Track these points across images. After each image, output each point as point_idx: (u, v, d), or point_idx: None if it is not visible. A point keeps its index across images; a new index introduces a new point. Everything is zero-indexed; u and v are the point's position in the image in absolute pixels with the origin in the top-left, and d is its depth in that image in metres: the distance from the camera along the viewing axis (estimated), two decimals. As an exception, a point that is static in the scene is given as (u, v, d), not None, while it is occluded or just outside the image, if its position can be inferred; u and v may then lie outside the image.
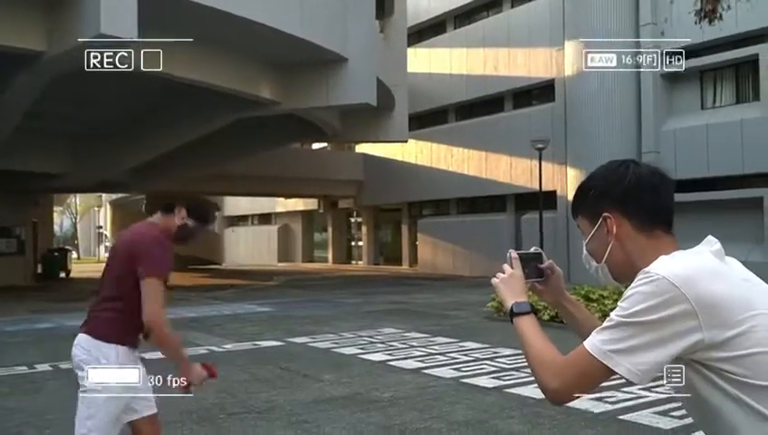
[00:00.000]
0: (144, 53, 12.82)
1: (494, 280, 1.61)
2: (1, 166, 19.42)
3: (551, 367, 1.38)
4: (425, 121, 27.69)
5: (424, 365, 7.71)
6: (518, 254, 1.64)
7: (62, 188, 28.42)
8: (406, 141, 24.57)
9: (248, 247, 40.59)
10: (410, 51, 24.92)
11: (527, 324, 1.49)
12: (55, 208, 39.80)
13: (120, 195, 39.00)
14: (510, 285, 1.59)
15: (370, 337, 9.97)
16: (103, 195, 47.18)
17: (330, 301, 16.08)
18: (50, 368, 7.90)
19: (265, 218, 40.48)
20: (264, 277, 24.34)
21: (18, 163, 19.89)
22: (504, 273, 1.61)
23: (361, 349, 8.95)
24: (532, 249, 1.70)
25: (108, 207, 45.39)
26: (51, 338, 10.55)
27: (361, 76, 16.70)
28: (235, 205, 40.80)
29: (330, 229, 35.78)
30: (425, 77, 26.92)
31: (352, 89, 16.76)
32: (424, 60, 27.21)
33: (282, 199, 36.57)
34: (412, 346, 9.10)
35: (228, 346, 9.43)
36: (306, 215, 37.39)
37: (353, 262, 34.19)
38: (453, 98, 26.53)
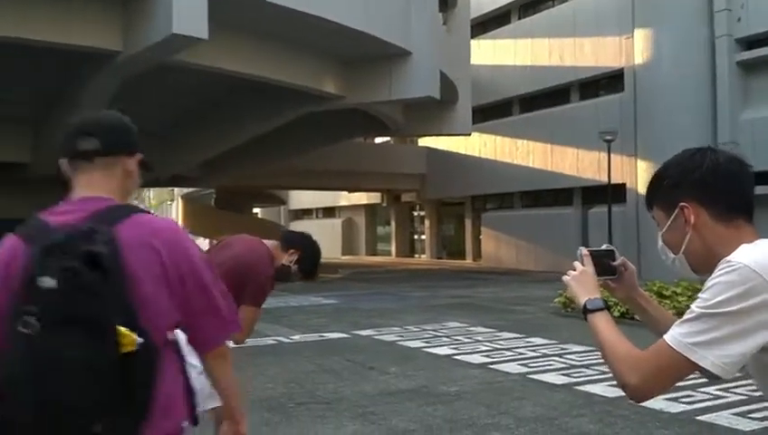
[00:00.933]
0: (212, 50, 13.20)
1: (566, 277, 1.59)
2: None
3: (629, 362, 1.35)
4: (488, 114, 27.39)
5: (490, 360, 7.67)
6: (589, 251, 1.61)
7: (145, 180, 29.47)
8: (469, 134, 24.37)
9: (313, 241, 41.15)
10: (474, 43, 24.67)
11: (601, 321, 1.46)
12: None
13: (190, 189, 40.17)
14: (582, 282, 1.56)
15: (435, 331, 9.97)
16: (175, 189, 48.69)
17: (394, 294, 16.15)
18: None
19: (329, 212, 40.95)
20: (328, 270, 24.62)
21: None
22: (575, 270, 1.58)
23: (426, 342, 8.96)
24: (603, 246, 1.68)
25: (179, 201, 46.85)
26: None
27: (424, 69, 16.66)
28: (300, 198, 41.42)
29: (393, 223, 35.90)
30: (488, 69, 26.61)
31: (415, 82, 16.74)
32: (488, 52, 26.90)
33: (345, 193, 36.90)
34: (478, 341, 9.05)
35: (296, 337, 9.61)
36: (369, 208, 37.62)
37: (416, 255, 34.20)
38: (517, 90, 26.14)
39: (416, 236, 34.99)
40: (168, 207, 61.78)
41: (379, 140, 32.74)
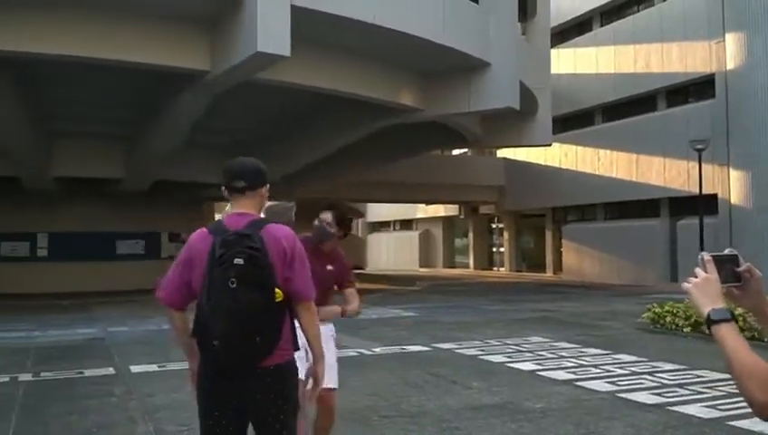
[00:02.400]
0: (293, 67, 13.51)
1: (687, 285, 1.50)
2: (171, 176, 21.10)
3: (758, 378, 1.28)
4: (569, 124, 26.84)
5: (576, 377, 7.45)
6: (712, 256, 1.51)
7: (221, 196, 30.39)
8: (549, 145, 23.93)
9: (390, 252, 41.34)
10: (554, 52, 24.26)
11: (728, 332, 1.38)
12: (216, 215, 42.61)
13: (271, 202, 41.21)
14: (705, 290, 1.46)
15: (517, 345, 9.79)
16: (256, 202, 49.99)
17: (473, 307, 15.98)
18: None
19: (407, 224, 41.06)
20: (406, 282, 24.65)
21: (184, 174, 21.52)
22: (696, 277, 1.50)
23: (509, 357, 8.81)
24: (726, 250, 1.57)
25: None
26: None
27: (504, 80, 16.48)
28: (377, 211, 41.73)
29: (471, 235, 35.63)
30: (569, 78, 26.12)
31: (495, 94, 16.58)
32: (568, 60, 26.41)
33: (422, 205, 36.91)
34: (562, 356, 8.82)
35: (377, 350, 9.64)
36: (447, 220, 37.49)
37: (495, 268, 33.79)
38: (599, 98, 25.53)
39: (494, 249, 34.59)
40: (249, 219, 63.41)
41: (456, 151, 32.62)
